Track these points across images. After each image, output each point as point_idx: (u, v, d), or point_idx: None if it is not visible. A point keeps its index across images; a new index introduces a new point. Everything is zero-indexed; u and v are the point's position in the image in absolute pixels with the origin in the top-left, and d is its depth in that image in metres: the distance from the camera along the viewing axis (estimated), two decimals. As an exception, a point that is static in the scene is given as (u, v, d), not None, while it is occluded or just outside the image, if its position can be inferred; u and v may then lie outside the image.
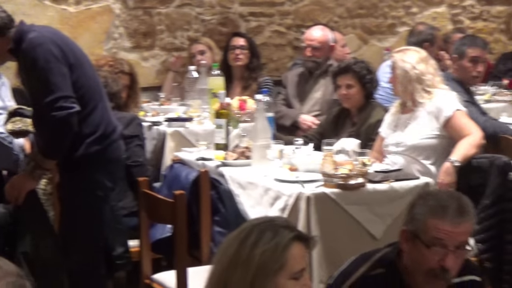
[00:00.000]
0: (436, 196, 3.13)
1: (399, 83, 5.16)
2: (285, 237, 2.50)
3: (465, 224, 2.98)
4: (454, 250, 2.93)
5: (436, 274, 2.94)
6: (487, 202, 4.79)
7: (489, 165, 4.87)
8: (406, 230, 3.04)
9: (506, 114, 6.68)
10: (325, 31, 6.81)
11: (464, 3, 8.75)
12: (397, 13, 8.44)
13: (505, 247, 4.74)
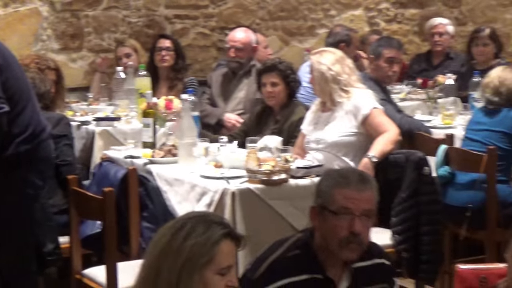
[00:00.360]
0: (338, 170, 3.40)
1: (317, 84, 5.20)
2: (217, 233, 2.52)
3: (367, 192, 3.13)
4: (360, 216, 3.05)
5: (349, 241, 3.02)
6: (404, 196, 4.85)
7: (405, 160, 4.93)
8: (315, 206, 3.14)
9: (420, 111, 6.78)
10: (248, 33, 6.82)
11: (380, 6, 8.85)
12: (316, 15, 8.49)
13: (421, 238, 4.80)
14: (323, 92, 5.20)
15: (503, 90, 5.32)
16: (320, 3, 8.50)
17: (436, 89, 7.12)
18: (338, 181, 3.12)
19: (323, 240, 3.10)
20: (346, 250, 3.06)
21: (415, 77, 7.74)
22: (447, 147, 5.44)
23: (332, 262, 3.12)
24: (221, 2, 8.09)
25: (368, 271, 3.22)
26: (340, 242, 3.04)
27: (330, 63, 5.16)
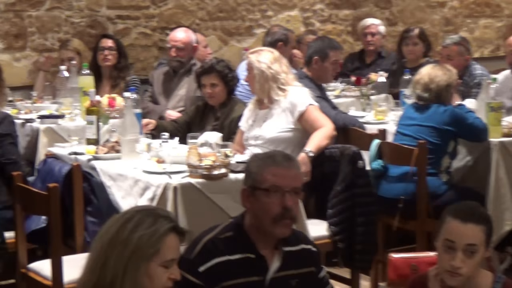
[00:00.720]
0: (265, 153, 3.44)
1: (257, 82, 5.19)
2: (164, 226, 2.54)
3: (293, 169, 3.21)
4: (290, 192, 3.13)
5: (282, 217, 3.09)
6: (339, 189, 4.88)
7: (340, 155, 4.96)
8: (246, 188, 3.20)
9: (354, 108, 6.80)
10: (188, 32, 6.80)
11: (315, 7, 8.88)
12: (254, 16, 8.49)
13: (356, 229, 4.84)
14: (262, 90, 5.20)
15: (433, 86, 5.38)
16: (257, 4, 8.50)
17: (369, 86, 7.17)
18: (266, 162, 3.19)
19: (256, 220, 3.15)
20: (280, 226, 3.11)
21: (349, 75, 7.79)
22: (380, 142, 5.48)
23: (263, 243, 3.17)
24: (161, 3, 8.04)
25: (296, 255, 3.26)
26: (274, 218, 3.09)
27: (269, 62, 5.18)
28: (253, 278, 3.15)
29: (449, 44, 6.94)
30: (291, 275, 3.21)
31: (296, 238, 3.30)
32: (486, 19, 9.95)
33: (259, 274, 3.15)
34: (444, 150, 5.39)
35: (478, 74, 6.85)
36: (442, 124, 5.34)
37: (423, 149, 5.17)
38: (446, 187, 5.35)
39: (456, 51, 6.89)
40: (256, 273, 3.15)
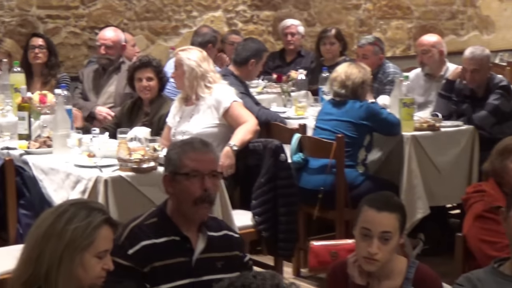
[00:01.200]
0: (182, 140, 3.52)
1: (186, 78, 5.18)
2: (97, 219, 2.53)
3: (210, 154, 3.28)
4: (208, 175, 3.19)
5: (202, 199, 3.15)
6: (262, 180, 4.89)
7: (263, 148, 4.97)
8: (167, 174, 3.23)
9: (276, 104, 6.84)
10: (116, 32, 6.73)
11: (237, 8, 8.86)
12: (180, 16, 8.44)
13: (279, 219, 4.86)
14: (190, 86, 5.18)
15: (349, 83, 5.44)
16: (183, 5, 8.44)
17: (289, 83, 7.20)
18: (184, 148, 3.23)
19: (179, 204, 3.20)
20: (200, 209, 3.17)
21: (270, 73, 7.80)
22: (300, 136, 5.52)
23: (187, 227, 3.21)
24: (90, 3, 7.92)
25: (220, 239, 3.30)
26: (195, 201, 3.14)
27: (199, 60, 5.19)
28: (180, 259, 3.17)
29: (364, 44, 7.01)
30: (216, 257, 3.24)
31: (218, 225, 3.36)
32: (397, 20, 10.09)
33: (185, 255, 3.18)
34: (361, 143, 5.45)
35: (391, 72, 6.93)
36: (358, 119, 5.39)
37: (341, 143, 5.22)
38: (362, 178, 5.40)
39: (370, 50, 6.96)
40: (183, 254, 3.18)
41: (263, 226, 4.86)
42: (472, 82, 6.02)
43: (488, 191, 3.99)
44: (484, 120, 5.86)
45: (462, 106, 6.09)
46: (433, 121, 5.73)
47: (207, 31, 7.53)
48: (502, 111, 5.90)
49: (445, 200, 5.91)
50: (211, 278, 3.16)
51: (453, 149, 5.73)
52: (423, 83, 6.74)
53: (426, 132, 5.64)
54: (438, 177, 5.65)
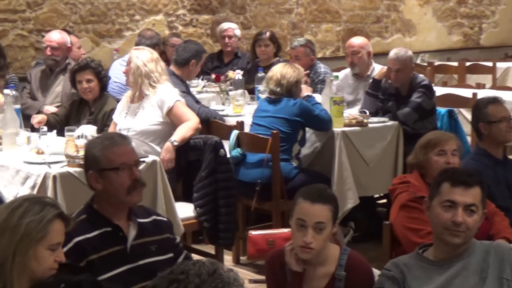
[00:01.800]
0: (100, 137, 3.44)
1: (131, 75, 5.18)
2: (50, 213, 2.51)
3: (130, 145, 3.32)
4: (134, 165, 3.22)
5: (134, 187, 3.17)
6: (203, 174, 4.88)
7: (203, 144, 4.97)
8: (92, 172, 3.21)
9: (215, 102, 6.82)
10: (62, 34, 6.64)
11: (178, 12, 8.82)
12: (123, 20, 8.36)
13: (219, 210, 4.85)
14: (135, 83, 5.18)
15: (284, 82, 5.46)
16: (126, 9, 8.37)
17: (227, 83, 7.20)
18: (106, 145, 3.22)
19: (110, 197, 3.18)
20: (134, 195, 3.19)
21: (209, 73, 7.79)
22: (238, 132, 5.51)
23: (117, 217, 3.20)
24: (37, 7, 7.79)
25: (150, 225, 3.30)
26: (128, 190, 3.15)
27: (146, 60, 5.17)
28: (115, 248, 3.15)
29: (296, 46, 7.04)
30: (149, 242, 3.24)
31: (146, 212, 3.36)
32: (327, 24, 10.16)
33: (119, 244, 3.16)
34: (295, 138, 5.47)
35: (322, 72, 6.98)
36: (292, 115, 5.41)
37: (276, 138, 5.23)
38: (296, 171, 5.42)
39: (302, 52, 6.99)
40: (117, 243, 3.16)
41: (204, 217, 4.85)
42: (396, 81, 6.10)
43: (413, 182, 4.03)
44: (407, 117, 5.93)
45: (388, 104, 6.17)
46: (361, 118, 5.78)
47: (153, 34, 7.48)
48: (424, 108, 5.99)
49: (373, 190, 5.97)
50: (147, 262, 3.19)
51: (380, 143, 5.79)
52: (352, 82, 6.80)
53: (355, 127, 5.69)
54: (366, 169, 5.71)
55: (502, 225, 3.99)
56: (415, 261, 3.03)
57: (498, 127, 4.58)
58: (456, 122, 6.32)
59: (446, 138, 4.11)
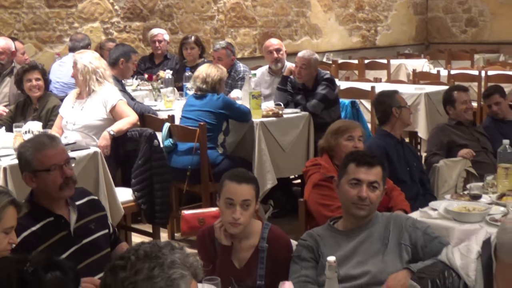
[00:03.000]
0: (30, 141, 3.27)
1: (80, 74, 5.08)
2: (4, 200, 2.50)
3: (60, 146, 3.20)
4: (65, 164, 3.13)
5: (66, 183, 3.11)
6: (140, 162, 4.82)
7: (139, 136, 4.91)
8: (26, 174, 3.13)
9: (148, 98, 6.76)
10: (7, 40, 6.47)
11: (112, 20, 8.67)
12: (63, 27, 8.17)
13: (155, 193, 4.81)
14: (84, 80, 5.09)
15: (209, 80, 5.45)
16: (65, 17, 8.18)
17: (158, 81, 7.11)
18: (37, 148, 3.13)
19: (46, 194, 3.11)
20: (66, 190, 3.12)
21: (142, 73, 7.68)
22: (169, 125, 5.47)
23: (56, 206, 3.14)
24: (-17, 17, 7.55)
25: (86, 205, 3.27)
26: (60, 187, 3.09)
27: (91, 58, 5.09)
28: (60, 234, 3.10)
29: (218, 49, 7.01)
30: (88, 221, 3.22)
31: (81, 193, 3.31)
32: (245, 28, 10.16)
33: (63, 230, 3.12)
34: (219, 129, 5.46)
35: (242, 70, 6.98)
36: (217, 108, 5.40)
37: (203, 129, 5.21)
38: (222, 157, 5.41)
39: (224, 53, 6.97)
40: (61, 230, 3.11)
41: (141, 200, 4.80)
42: (300, 77, 6.15)
43: (323, 164, 4.07)
44: (315, 107, 5.98)
45: (297, 97, 6.21)
46: (277, 110, 5.80)
47: (83, 36, 7.38)
48: (329, 98, 6.05)
49: (289, 172, 6.02)
50: (89, 240, 3.18)
51: (294, 131, 5.83)
52: (268, 79, 6.82)
53: (271, 118, 5.70)
54: (282, 154, 5.74)
55: (399, 199, 4.08)
56: (327, 232, 3.07)
57: (407, 112, 4.77)
58: (358, 111, 6.42)
59: (354, 126, 4.18)
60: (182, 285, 1.64)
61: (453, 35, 13.05)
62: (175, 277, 1.64)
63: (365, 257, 2.95)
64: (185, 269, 1.67)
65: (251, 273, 2.99)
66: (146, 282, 1.63)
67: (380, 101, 4.87)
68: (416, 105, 7.03)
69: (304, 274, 2.93)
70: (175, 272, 1.65)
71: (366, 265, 2.92)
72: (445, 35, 13.14)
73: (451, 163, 4.99)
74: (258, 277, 2.99)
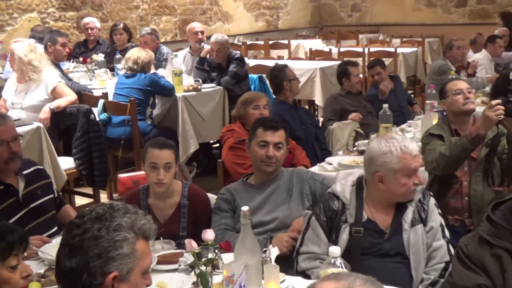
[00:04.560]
0: None
1: (16, 64, 4.86)
2: None
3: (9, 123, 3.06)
4: (12, 140, 3.02)
5: (11, 158, 2.99)
6: (79, 135, 4.73)
7: (77, 112, 4.79)
8: None
9: (84, 79, 6.57)
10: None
11: (48, 10, 8.30)
12: (3, 17, 7.77)
13: (94, 161, 4.73)
14: (20, 70, 4.88)
15: (140, 62, 5.38)
16: (5, 8, 7.77)
17: (92, 64, 6.91)
18: None
19: None
20: (12, 164, 3.02)
21: (78, 57, 7.44)
22: (104, 101, 5.35)
23: (6, 175, 3.05)
24: None
25: (33, 174, 3.19)
26: (6, 161, 2.99)
27: (26, 51, 4.85)
28: (9, 200, 3.02)
29: (145, 34, 6.88)
30: (35, 188, 3.14)
31: (28, 163, 3.21)
32: (166, 16, 9.96)
33: (12, 196, 3.04)
34: (147, 103, 5.39)
35: (165, 52, 6.88)
36: (144, 86, 5.33)
37: (133, 104, 5.13)
38: (151, 127, 5.35)
39: (149, 38, 6.85)
40: (10, 196, 3.03)
41: (82, 167, 4.70)
42: (217, 58, 6.12)
43: (236, 129, 4.09)
44: (228, 82, 5.98)
45: (213, 74, 6.18)
46: (196, 85, 5.76)
47: (42, 28, 7.07)
48: (239, 75, 6.05)
49: (209, 138, 6.01)
50: (36, 204, 3.11)
51: (211, 103, 5.81)
52: (188, 59, 6.75)
53: (192, 92, 5.67)
54: (203, 123, 5.72)
55: (301, 156, 4.15)
56: (242, 186, 3.09)
57: (296, 83, 4.85)
58: (265, 84, 6.44)
59: (259, 96, 4.20)
60: (125, 247, 1.61)
61: (341, 19, 13.23)
62: (118, 239, 1.60)
63: (274, 206, 2.99)
64: (130, 232, 1.63)
65: (173, 227, 2.97)
66: (91, 240, 1.59)
67: (273, 75, 4.92)
68: (313, 77, 7.12)
69: (223, 222, 2.95)
70: (119, 234, 1.61)
71: (275, 213, 2.97)
72: (335, 19, 13.31)
73: (342, 125, 5.11)
74: (181, 229, 2.99)
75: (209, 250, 2.29)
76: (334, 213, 2.58)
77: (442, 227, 2.57)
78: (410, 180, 2.51)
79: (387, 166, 2.51)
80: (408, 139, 2.61)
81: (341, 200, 2.60)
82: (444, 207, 3.25)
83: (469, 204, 3.26)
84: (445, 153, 3.15)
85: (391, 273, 2.44)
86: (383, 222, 2.56)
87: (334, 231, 2.56)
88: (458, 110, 3.40)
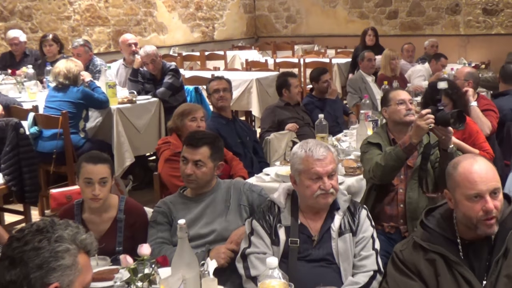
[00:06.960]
0: None
1: None
2: None
3: None
4: None
5: None
6: (7, 149, 4.59)
7: (6, 125, 4.64)
8: None
9: (13, 91, 6.37)
10: None
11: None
12: None
13: (24, 176, 4.59)
14: None
15: (70, 75, 5.29)
16: None
17: (22, 76, 6.71)
18: None
19: None
20: None
21: (6, 69, 7.20)
22: (34, 114, 5.22)
23: None
24: None
25: None
26: None
27: None
28: None
29: (77, 46, 6.73)
30: None
31: None
32: (99, 27, 9.80)
33: None
34: (80, 116, 5.29)
35: (99, 64, 6.75)
36: (76, 99, 5.25)
37: (65, 117, 5.03)
38: (84, 140, 5.26)
39: (82, 50, 6.70)
40: None
41: (11, 182, 4.56)
42: (155, 70, 6.07)
43: (172, 141, 4.06)
44: (163, 94, 5.94)
45: (147, 86, 6.13)
46: (131, 97, 5.70)
47: None
48: (174, 86, 6.02)
49: (145, 150, 5.93)
50: None
51: (147, 115, 5.75)
52: (122, 71, 6.67)
53: (126, 104, 5.60)
54: (138, 135, 5.66)
55: (238, 167, 4.15)
56: (178, 199, 3.06)
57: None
58: (201, 96, 6.43)
59: (196, 108, 4.18)
60: (66, 257, 1.60)
61: (277, 30, 13.39)
62: (59, 250, 1.60)
63: (211, 218, 2.97)
64: (72, 244, 1.63)
65: (109, 242, 2.91)
66: (32, 252, 1.58)
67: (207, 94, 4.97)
68: (249, 88, 7.16)
69: (160, 236, 2.91)
70: (60, 245, 1.61)
71: (213, 225, 2.95)
72: (271, 30, 13.45)
73: (279, 135, 5.15)
74: (117, 244, 2.93)
75: (145, 265, 2.25)
76: (272, 216, 2.67)
77: (373, 238, 2.63)
78: (315, 184, 2.59)
79: (293, 167, 2.66)
80: (323, 145, 2.67)
81: (277, 205, 2.69)
82: (380, 215, 3.32)
83: (404, 211, 3.33)
84: (381, 163, 3.22)
85: (322, 278, 2.47)
86: (313, 229, 2.65)
87: (273, 233, 2.64)
88: (399, 120, 3.47)
